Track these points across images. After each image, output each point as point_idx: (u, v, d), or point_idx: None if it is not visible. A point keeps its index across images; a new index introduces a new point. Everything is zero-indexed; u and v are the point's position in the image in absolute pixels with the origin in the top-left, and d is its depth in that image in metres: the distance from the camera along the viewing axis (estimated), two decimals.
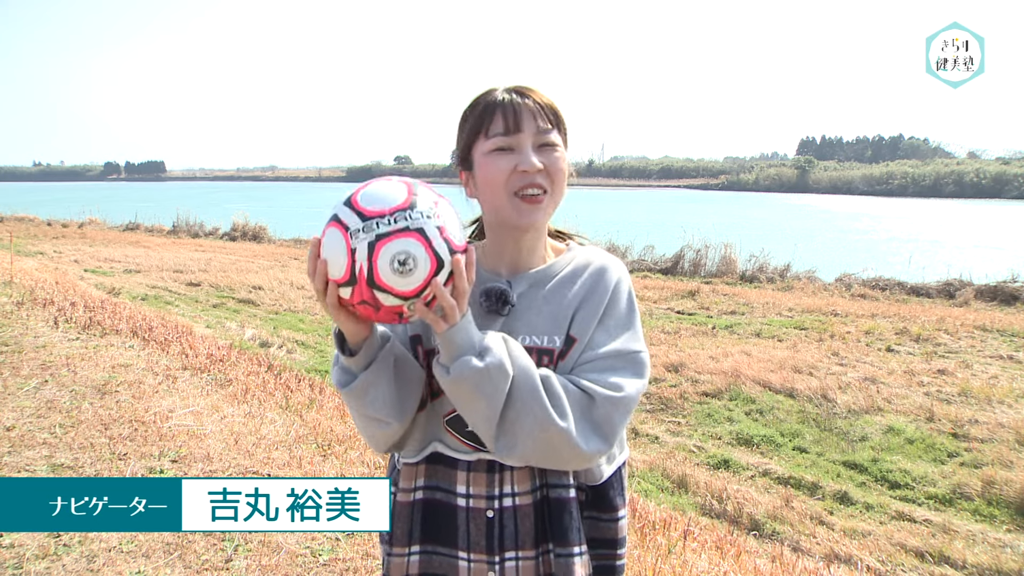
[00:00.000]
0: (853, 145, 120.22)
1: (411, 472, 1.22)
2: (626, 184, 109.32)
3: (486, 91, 1.21)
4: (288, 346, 7.38)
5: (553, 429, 1.07)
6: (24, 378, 4.84)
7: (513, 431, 1.09)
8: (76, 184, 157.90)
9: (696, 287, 11.70)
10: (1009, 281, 11.28)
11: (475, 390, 1.07)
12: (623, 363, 1.16)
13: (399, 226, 1.00)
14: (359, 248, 1.00)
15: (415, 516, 1.21)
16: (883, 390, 6.02)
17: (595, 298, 1.19)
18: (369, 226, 1.00)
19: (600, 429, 1.11)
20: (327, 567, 2.69)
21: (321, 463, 3.68)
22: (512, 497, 1.17)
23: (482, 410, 1.08)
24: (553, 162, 1.17)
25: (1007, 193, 63.69)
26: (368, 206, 1.02)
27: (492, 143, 1.17)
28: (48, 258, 14.49)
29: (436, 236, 1.02)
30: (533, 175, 1.16)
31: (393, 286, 1.01)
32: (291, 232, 22.11)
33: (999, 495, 4.17)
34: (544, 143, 1.17)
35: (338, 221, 1.03)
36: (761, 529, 3.85)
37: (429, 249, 1.01)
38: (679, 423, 5.53)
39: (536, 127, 1.17)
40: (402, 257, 1.00)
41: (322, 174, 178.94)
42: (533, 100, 1.18)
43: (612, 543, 1.23)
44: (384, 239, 1.00)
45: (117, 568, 2.59)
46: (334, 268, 1.03)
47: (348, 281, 1.02)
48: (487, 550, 1.16)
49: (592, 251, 1.28)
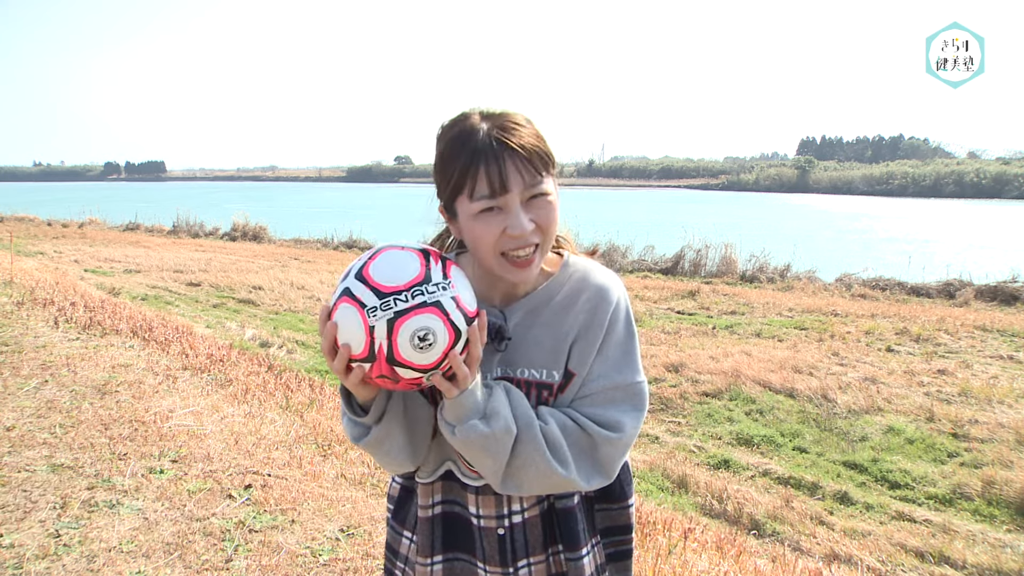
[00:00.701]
0: (853, 145, 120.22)
1: (428, 490, 1.25)
2: (626, 184, 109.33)
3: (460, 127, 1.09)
4: (288, 346, 7.38)
5: (556, 477, 1.11)
6: (24, 378, 4.84)
7: (518, 476, 1.12)
8: (76, 184, 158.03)
9: (696, 287, 11.70)
10: (1009, 281, 11.28)
11: (481, 450, 1.10)
12: (623, 396, 1.16)
13: (417, 302, 0.99)
14: (378, 326, 0.98)
15: (435, 529, 1.25)
16: (883, 390, 6.02)
17: (593, 328, 1.16)
18: (387, 303, 0.98)
19: (602, 469, 1.15)
20: (327, 567, 2.69)
21: (321, 463, 3.68)
22: (521, 514, 1.22)
23: (488, 465, 1.11)
24: (545, 215, 1.10)
25: (1007, 193, 63.70)
26: (383, 281, 1.00)
27: (478, 205, 1.07)
28: (48, 258, 14.49)
29: (453, 308, 1.01)
30: (524, 237, 1.08)
31: (413, 361, 1.00)
32: (291, 232, 22.13)
33: (999, 495, 4.17)
34: (533, 195, 1.09)
35: (352, 297, 1.00)
36: (761, 529, 3.85)
37: (447, 322, 1.00)
38: (679, 423, 5.53)
39: (523, 183, 1.07)
40: (422, 333, 0.98)
41: (322, 174, 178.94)
42: (518, 144, 1.06)
43: (625, 529, 1.29)
44: (403, 316, 0.98)
45: (117, 568, 2.58)
46: (352, 345, 1.01)
47: (367, 358, 1.01)
48: (501, 563, 1.22)
49: (588, 267, 1.23)
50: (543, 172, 1.10)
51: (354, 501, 3.23)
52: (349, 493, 3.33)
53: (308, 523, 3.00)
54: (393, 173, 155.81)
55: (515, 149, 1.06)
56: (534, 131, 1.11)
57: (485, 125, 1.08)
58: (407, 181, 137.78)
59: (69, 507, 3.01)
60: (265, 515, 3.05)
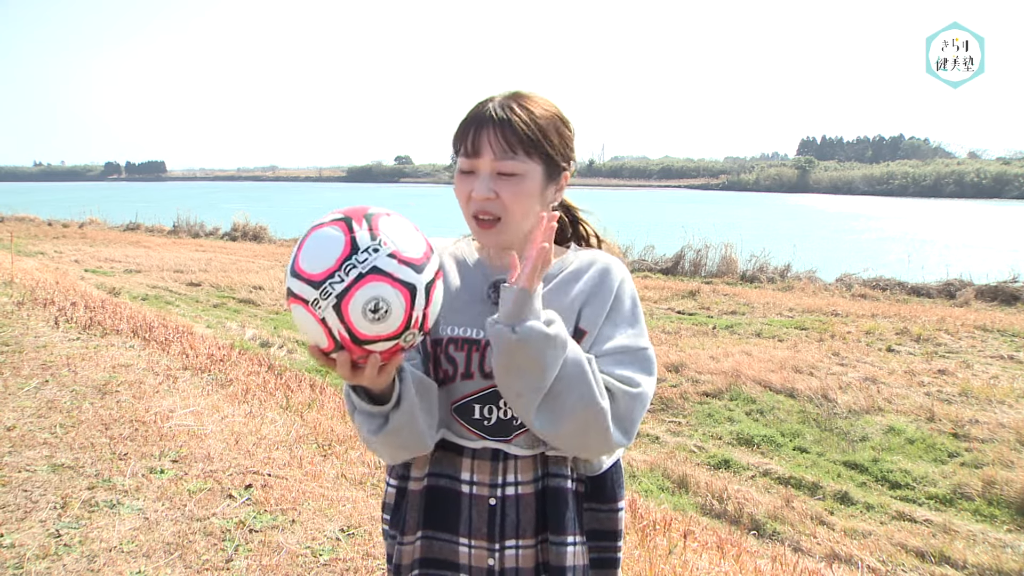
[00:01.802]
0: (853, 145, 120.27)
1: (423, 460, 1.23)
2: (626, 184, 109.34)
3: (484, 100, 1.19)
4: (289, 346, 7.39)
5: (595, 408, 1.07)
6: (25, 378, 4.84)
7: (556, 406, 1.08)
8: (76, 184, 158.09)
9: (696, 287, 11.69)
10: (1009, 281, 11.28)
11: (537, 356, 1.05)
12: (632, 359, 1.16)
13: (352, 276, 0.95)
14: (328, 317, 0.96)
15: (421, 503, 1.22)
16: (884, 390, 6.02)
17: (601, 293, 1.19)
18: (325, 290, 0.95)
19: (622, 423, 1.12)
20: (327, 567, 2.69)
21: (322, 463, 3.68)
22: (515, 486, 1.19)
23: (535, 378, 1.06)
24: (510, 193, 1.14)
25: (1007, 193, 63.71)
26: (313, 269, 0.97)
27: (460, 163, 1.18)
28: (49, 258, 14.49)
29: (394, 265, 0.97)
30: (483, 203, 1.15)
31: (378, 333, 0.98)
32: (291, 232, 22.11)
33: (1000, 495, 4.17)
34: (502, 172, 1.14)
35: (295, 296, 0.99)
36: (762, 529, 3.85)
37: (394, 282, 0.97)
38: (679, 423, 5.53)
39: (493, 155, 1.14)
40: (372, 304, 0.96)
41: (322, 174, 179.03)
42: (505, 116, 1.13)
43: (612, 535, 1.25)
44: (346, 296, 0.95)
45: (118, 568, 2.58)
46: (318, 341, 1.00)
47: (336, 348, 0.99)
48: (488, 537, 1.18)
49: (595, 252, 1.28)
50: (519, 152, 1.14)
51: (355, 501, 3.23)
52: (350, 493, 3.33)
53: (308, 523, 3.00)
54: (393, 173, 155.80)
55: (496, 121, 1.13)
56: (535, 116, 1.15)
57: (496, 99, 1.18)
58: (407, 181, 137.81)
59: (69, 507, 3.01)
60: (265, 515, 3.05)
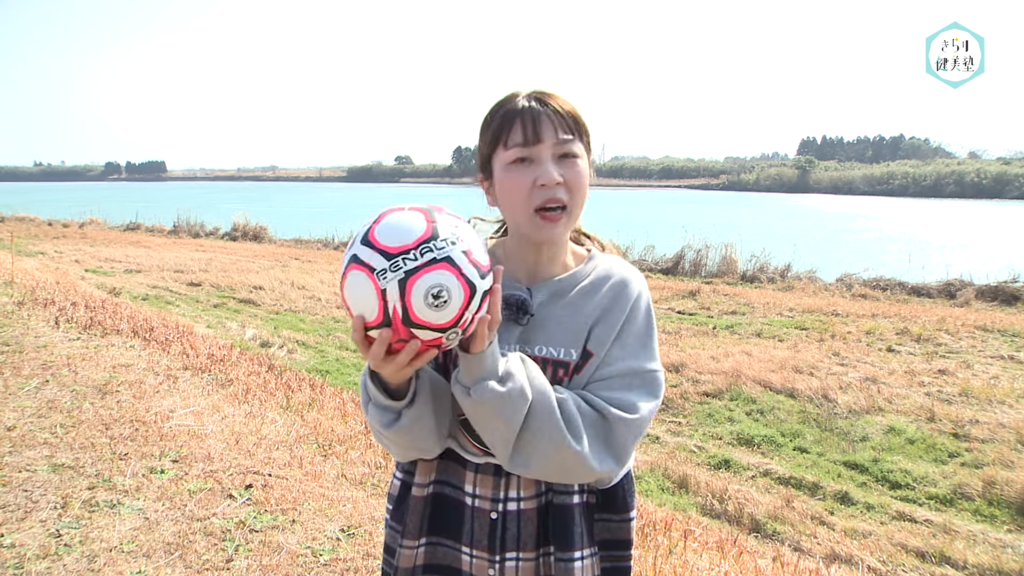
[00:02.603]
0: (854, 145, 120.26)
1: (427, 467, 1.23)
2: (627, 184, 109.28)
3: (507, 96, 1.19)
4: (289, 346, 7.39)
5: (568, 451, 1.09)
6: (25, 378, 4.85)
7: (528, 451, 1.10)
8: (77, 184, 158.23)
9: (697, 287, 11.70)
10: (1010, 281, 11.29)
11: (496, 413, 1.07)
12: (639, 382, 1.16)
13: (427, 259, 0.97)
14: (389, 288, 0.96)
15: (425, 510, 1.23)
16: (884, 390, 6.02)
17: (614, 312, 1.18)
18: (396, 264, 0.96)
19: (613, 450, 1.13)
20: (327, 567, 2.69)
21: (322, 463, 3.68)
22: (517, 501, 1.19)
23: (500, 431, 1.09)
24: (574, 174, 1.15)
25: (1008, 193, 63.69)
26: (390, 242, 0.98)
27: (511, 154, 1.14)
28: (49, 258, 14.50)
29: (464, 262, 0.99)
30: (553, 189, 1.13)
31: (430, 320, 0.98)
32: (292, 232, 22.14)
33: (1000, 495, 4.17)
34: (564, 153, 1.14)
35: (360, 263, 0.99)
36: (762, 529, 3.85)
37: (460, 277, 0.98)
38: (680, 423, 5.53)
39: (556, 137, 1.13)
40: (436, 290, 0.96)
41: (323, 174, 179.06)
42: (554, 107, 1.14)
43: (625, 544, 1.25)
44: (415, 275, 0.96)
45: (118, 568, 2.59)
46: (365, 312, 0.99)
47: (382, 323, 0.98)
48: (489, 549, 1.19)
49: (614, 261, 1.27)
50: (575, 135, 1.15)
51: (355, 501, 3.23)
52: (350, 493, 3.33)
53: (309, 523, 3.00)
54: (393, 173, 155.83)
55: (550, 107, 1.14)
56: (572, 104, 1.17)
57: (526, 92, 1.18)
58: (407, 181, 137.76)
59: (70, 507, 3.01)
60: (266, 515, 3.05)
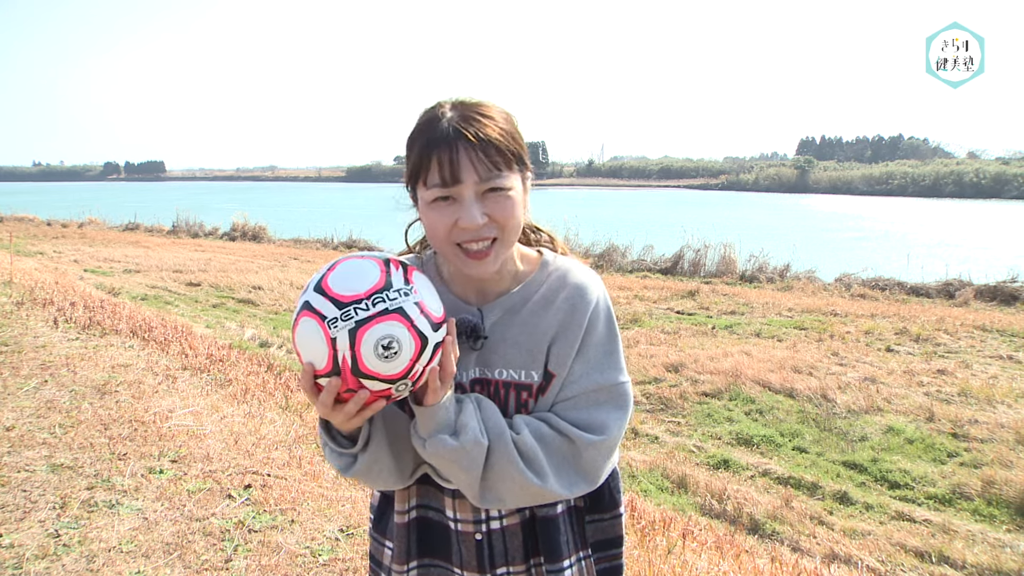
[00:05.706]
0: (853, 145, 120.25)
1: (404, 494, 1.22)
2: (626, 184, 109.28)
3: (429, 115, 1.08)
4: (288, 346, 7.37)
5: (533, 489, 1.08)
6: (24, 378, 4.84)
7: (496, 489, 1.10)
8: (76, 184, 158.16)
9: (696, 287, 11.70)
10: (1009, 281, 11.29)
11: (453, 465, 1.07)
12: (605, 397, 1.13)
13: (378, 309, 0.96)
14: (339, 337, 0.95)
15: (411, 534, 1.22)
16: (883, 390, 6.02)
17: (572, 328, 1.13)
18: (348, 313, 0.95)
19: (586, 475, 1.11)
20: (327, 567, 2.69)
21: (321, 463, 3.68)
22: (500, 520, 1.18)
23: (462, 478, 1.09)
24: (501, 209, 1.06)
25: (1007, 193, 63.69)
26: (342, 291, 0.97)
27: (431, 193, 1.05)
28: (48, 258, 14.49)
29: (416, 314, 0.98)
30: (476, 230, 1.05)
31: (379, 371, 0.97)
32: (291, 232, 22.14)
33: (999, 495, 4.17)
34: (489, 189, 1.05)
35: (311, 310, 0.98)
36: (761, 529, 3.85)
37: (412, 329, 0.97)
38: (679, 423, 5.53)
39: (477, 175, 1.03)
40: (386, 342, 0.95)
41: (322, 174, 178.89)
42: (476, 134, 1.03)
43: (617, 541, 1.25)
44: (365, 325, 0.95)
45: (117, 568, 2.58)
46: (315, 360, 0.98)
47: (331, 372, 0.97)
48: (479, 569, 1.18)
49: (569, 265, 1.20)
50: (503, 167, 1.05)
51: (353, 501, 3.23)
52: (349, 493, 3.33)
53: (308, 523, 3.00)
54: (393, 173, 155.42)
55: (472, 140, 1.03)
56: (502, 125, 1.07)
57: (451, 114, 1.06)
58: None
59: (69, 507, 3.01)
60: (265, 515, 3.05)
